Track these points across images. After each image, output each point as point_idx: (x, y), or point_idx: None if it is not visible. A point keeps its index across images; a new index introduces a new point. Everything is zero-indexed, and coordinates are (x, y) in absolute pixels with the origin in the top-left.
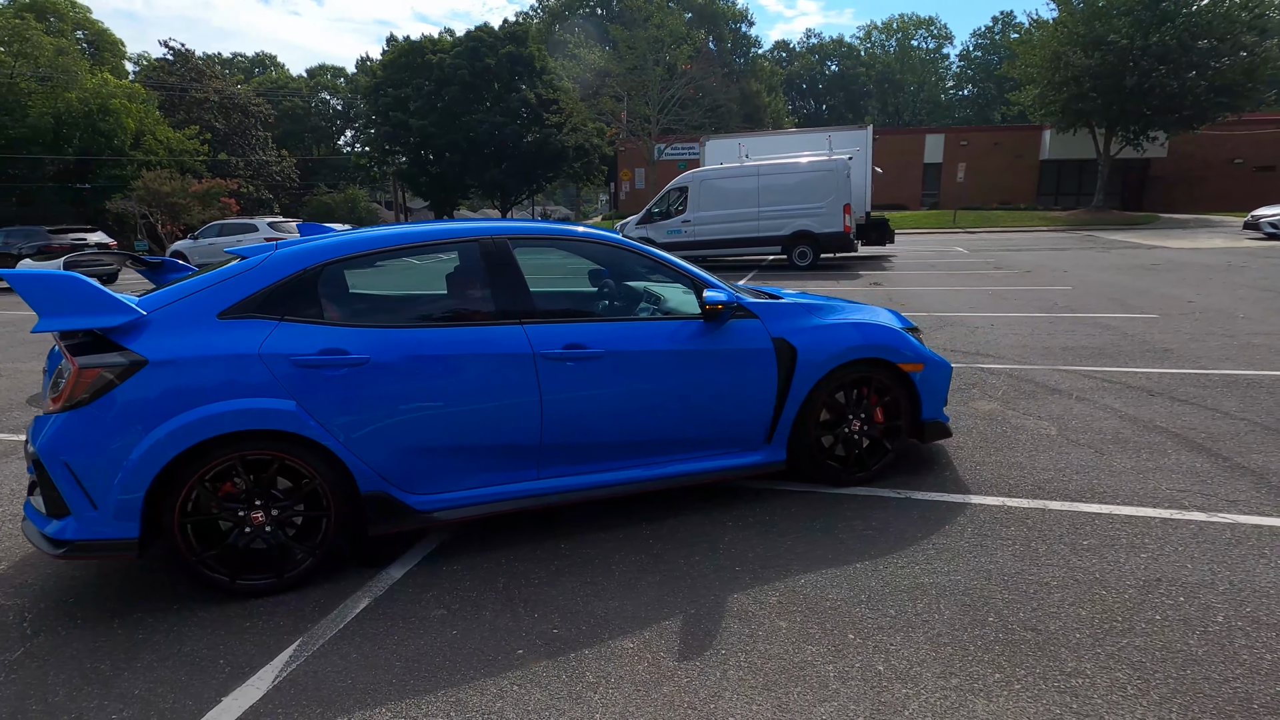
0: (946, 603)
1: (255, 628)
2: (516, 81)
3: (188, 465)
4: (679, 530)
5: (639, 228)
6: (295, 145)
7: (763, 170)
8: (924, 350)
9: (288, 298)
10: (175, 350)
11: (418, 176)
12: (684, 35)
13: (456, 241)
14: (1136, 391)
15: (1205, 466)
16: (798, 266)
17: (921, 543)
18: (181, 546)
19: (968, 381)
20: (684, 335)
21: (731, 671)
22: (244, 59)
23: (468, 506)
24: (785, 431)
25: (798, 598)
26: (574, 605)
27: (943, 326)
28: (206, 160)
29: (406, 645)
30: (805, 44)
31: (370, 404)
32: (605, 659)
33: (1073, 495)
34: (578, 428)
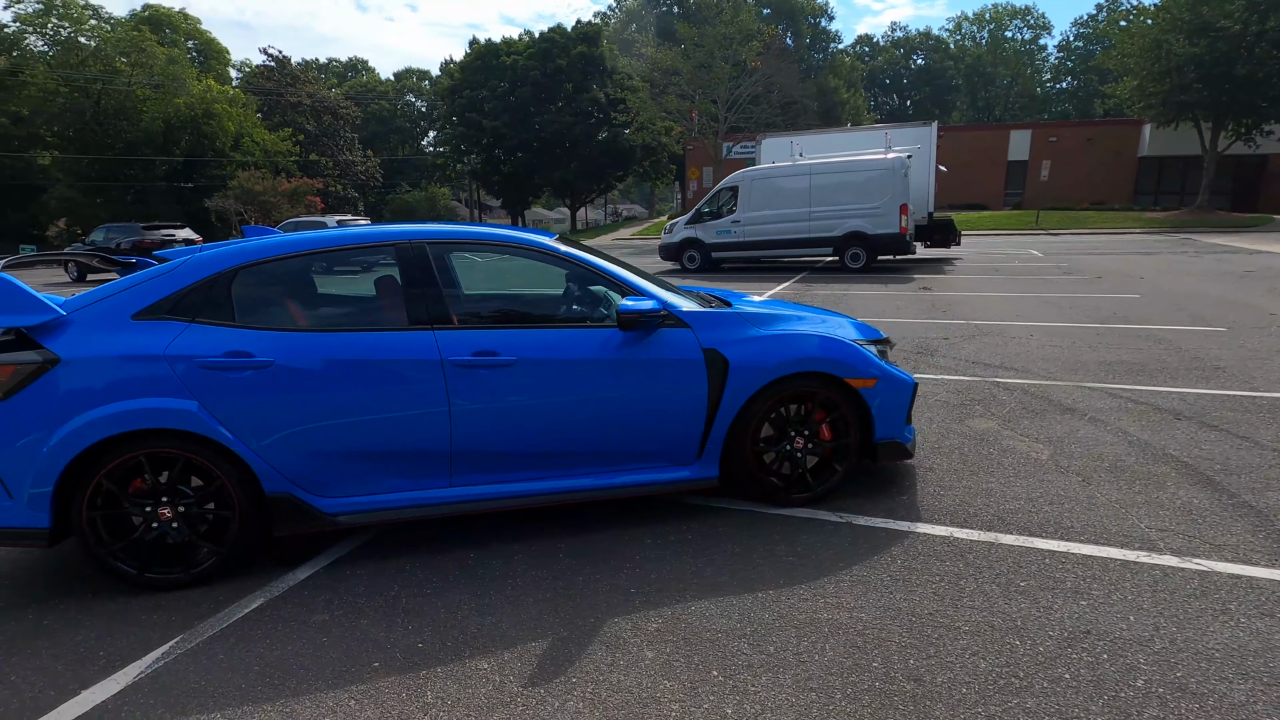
0: (835, 642)
1: (149, 621)
2: (587, 82)
3: (94, 461)
4: (594, 546)
5: (687, 228)
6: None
7: (815, 169)
8: (879, 365)
9: (201, 300)
10: (86, 349)
11: (490, 175)
12: (754, 32)
13: (374, 246)
14: (1162, 414)
15: (1203, 503)
16: (850, 269)
17: (840, 573)
18: (88, 538)
19: (973, 397)
20: (605, 344)
21: (572, 703)
22: (338, 64)
23: (375, 511)
24: (717, 447)
25: (679, 626)
26: (452, 619)
27: (975, 336)
28: (298, 160)
29: (274, 650)
30: (890, 38)
31: (274, 407)
32: (454, 678)
33: (1033, 529)
34: (490, 436)
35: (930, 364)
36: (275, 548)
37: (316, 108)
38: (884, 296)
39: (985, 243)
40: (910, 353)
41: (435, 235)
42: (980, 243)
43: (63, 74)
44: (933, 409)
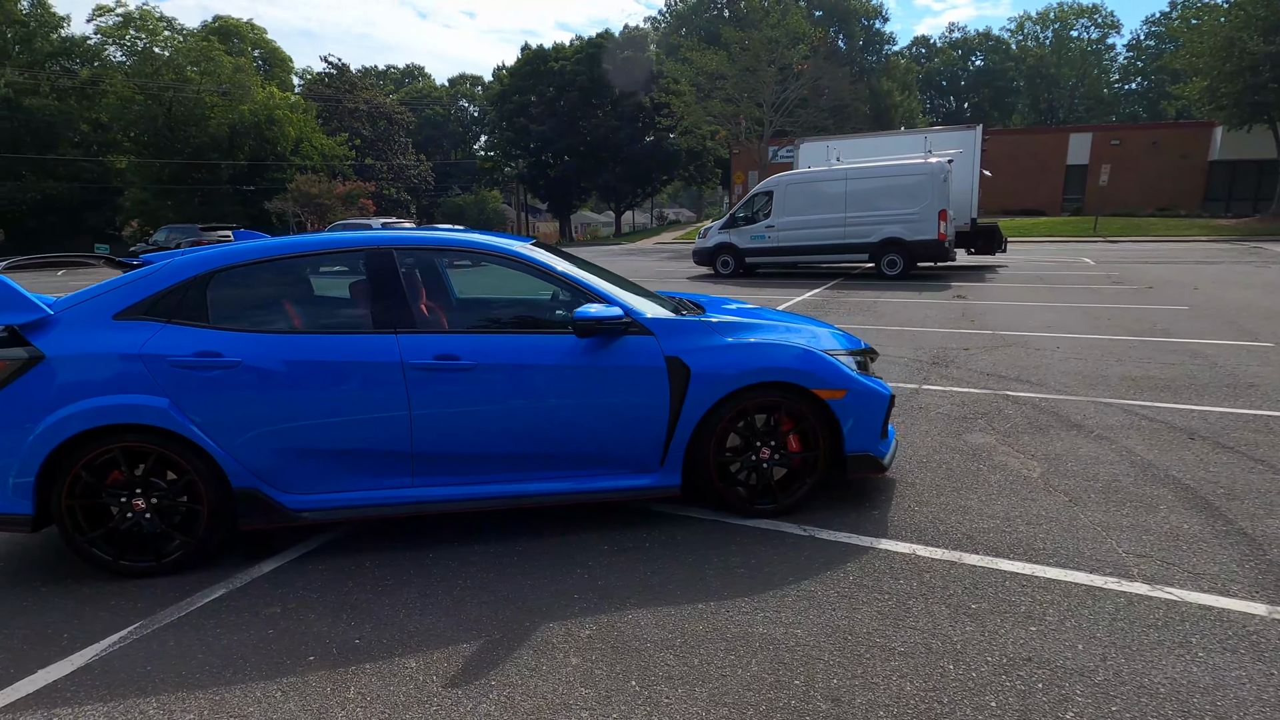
0: (761, 658)
1: (116, 606)
2: (635, 86)
3: (72, 453)
4: (550, 550)
5: (721, 233)
6: (434, 150)
7: (852, 174)
8: (849, 376)
9: (177, 302)
10: (68, 347)
11: (537, 180)
12: (802, 35)
13: (345, 252)
14: (1176, 433)
15: (1194, 529)
16: (886, 276)
17: (786, 587)
18: (66, 526)
19: (977, 410)
20: (567, 350)
21: (485, 705)
22: (396, 71)
23: (338, 509)
24: (679, 456)
25: (611, 634)
26: (394, 617)
27: (998, 347)
28: (354, 164)
29: (223, 639)
30: (947, 39)
31: (241, 405)
32: (380, 675)
33: (1001, 550)
34: (449, 438)
35: (942, 375)
36: (247, 541)
37: (373, 113)
38: (914, 304)
39: (1036, 250)
40: (925, 363)
41: (403, 242)
42: (1031, 250)
43: (138, 82)
44: (931, 422)
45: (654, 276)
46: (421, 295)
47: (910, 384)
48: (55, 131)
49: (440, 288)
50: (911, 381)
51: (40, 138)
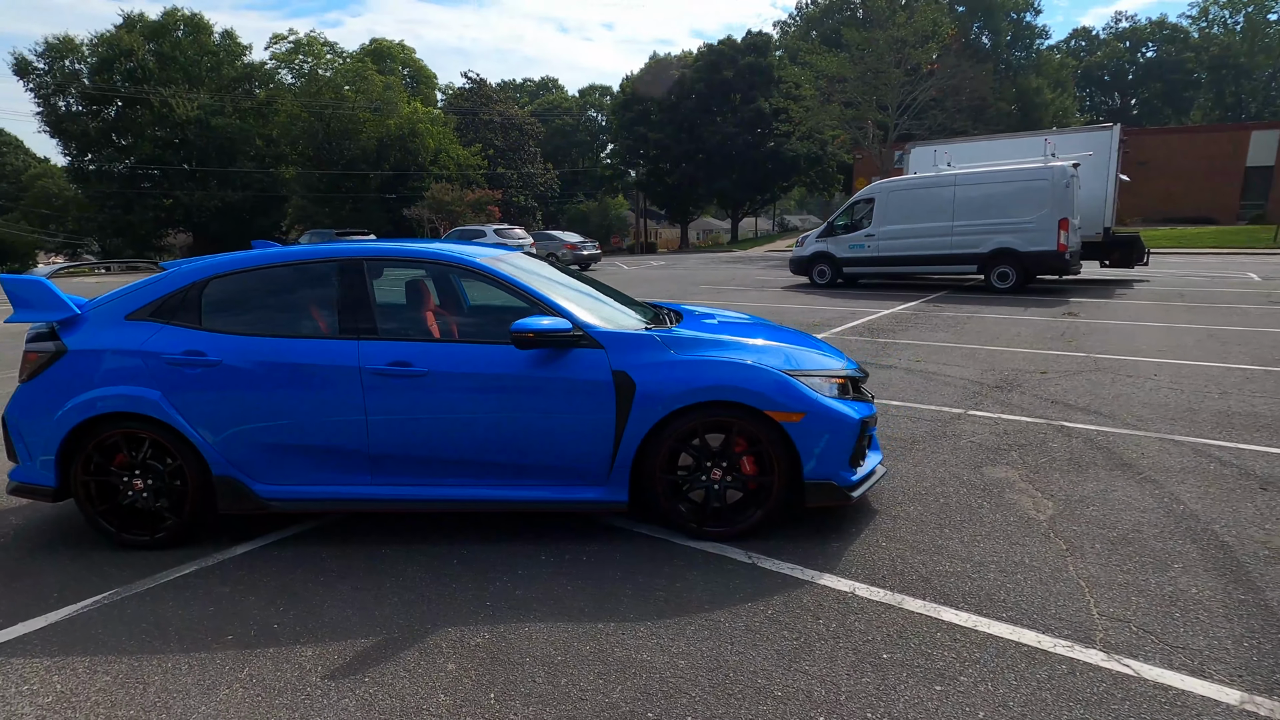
0: (628, 686)
1: (106, 572)
2: (753, 92)
3: (85, 435)
4: (490, 555)
5: (818, 241)
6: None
7: (960, 179)
8: (809, 399)
9: (178, 305)
10: (88, 343)
11: (655, 187)
12: (931, 33)
13: (318, 261)
14: (1247, 480)
15: (1203, 595)
16: (997, 289)
17: (696, 615)
18: (80, 499)
19: (1016, 441)
20: (516, 361)
21: (347, 700)
22: (531, 83)
23: (303, 501)
24: (625, 471)
25: (500, 645)
26: (319, 607)
27: (1081, 372)
28: (485, 173)
29: (171, 612)
30: (1112, 29)
31: (220, 400)
32: (274, 660)
33: (952, 597)
34: (402, 441)
35: (999, 400)
36: (239, 524)
37: (505, 125)
38: (1011, 321)
39: (1193, 263)
40: (987, 386)
41: (373, 253)
42: (1186, 263)
43: (303, 101)
44: (956, 451)
45: (746, 286)
46: (388, 303)
47: (956, 409)
48: (235, 147)
49: (416, 297)
50: (958, 406)
51: (223, 152)
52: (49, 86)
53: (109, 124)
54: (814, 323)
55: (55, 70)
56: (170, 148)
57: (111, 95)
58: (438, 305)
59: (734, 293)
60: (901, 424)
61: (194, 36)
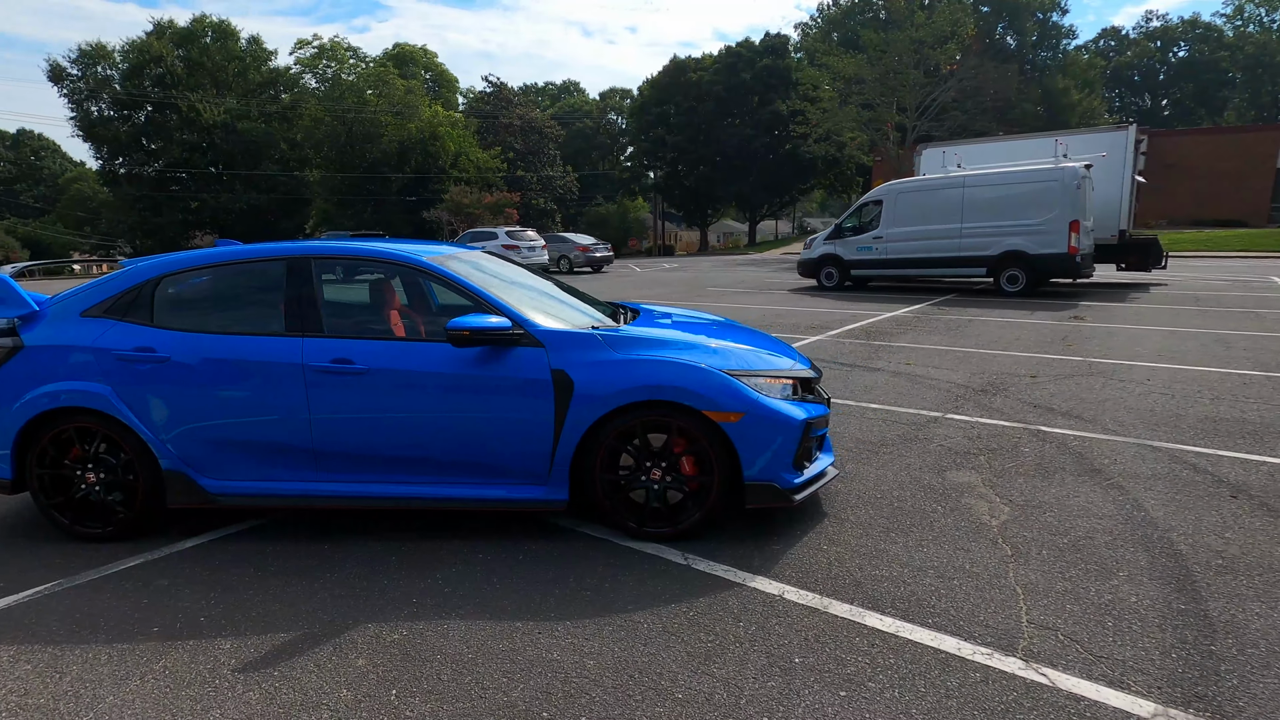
0: (530, 686)
1: (53, 563)
2: (771, 94)
3: (40, 429)
4: (430, 553)
5: (826, 244)
6: (583, 161)
7: (969, 181)
8: (749, 399)
9: (130, 302)
10: (44, 339)
11: (672, 190)
12: (949, 33)
13: (267, 260)
14: (1219, 488)
15: (1141, 605)
16: (1006, 292)
17: (616, 616)
18: (35, 492)
19: (987, 446)
20: (457, 359)
21: (251, 693)
22: (553, 86)
23: (250, 496)
24: (564, 470)
25: (416, 642)
26: (250, 600)
27: (1073, 376)
28: (505, 176)
29: (107, 604)
30: (1142, 29)
31: (168, 396)
32: (191, 653)
33: (881, 603)
34: (345, 438)
35: (980, 404)
36: (193, 518)
37: (525, 128)
38: (1014, 324)
39: (1216, 266)
40: (971, 390)
41: (320, 251)
42: (1209, 266)
43: (327, 106)
44: (926, 454)
45: (753, 289)
46: (334, 301)
47: (934, 412)
48: (261, 150)
49: (362, 295)
50: (938, 409)
51: (249, 156)
52: (82, 92)
53: (139, 128)
54: (812, 325)
55: (88, 76)
56: (198, 151)
57: (141, 100)
58: (402, 305)
59: (739, 295)
60: (875, 427)
61: (221, 42)
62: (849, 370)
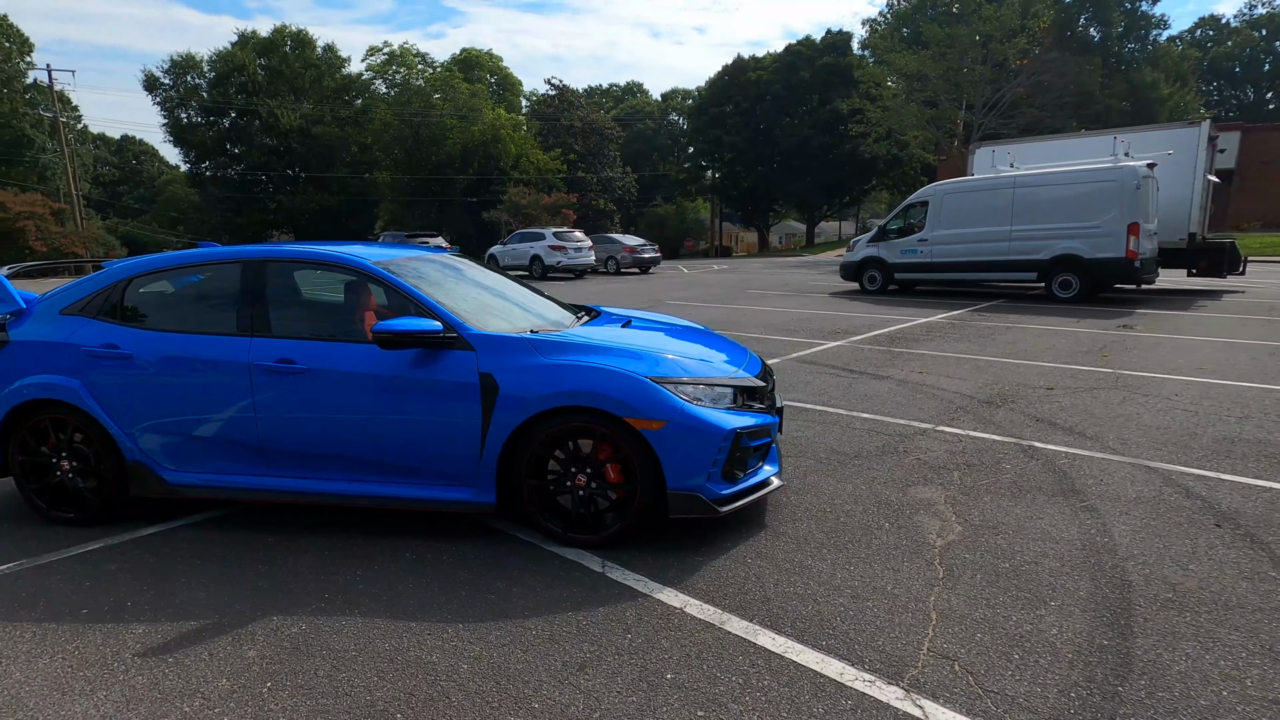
0: (396, 687)
1: (25, 546)
2: (831, 93)
3: (21, 419)
4: (361, 550)
5: (869, 246)
6: (643, 162)
7: (1020, 181)
8: (673, 407)
9: (103, 301)
10: (26, 334)
11: (729, 190)
12: (1018, 27)
13: (226, 262)
14: (1203, 514)
15: (1061, 638)
16: (1059, 299)
17: (509, 621)
18: (17, 479)
19: (969, 460)
20: (391, 361)
21: (140, 678)
22: (617, 88)
23: (206, 488)
24: (491, 473)
25: (309, 637)
26: (179, 588)
27: (1092, 389)
28: (565, 177)
29: (54, 585)
30: (1245, 16)
31: (128, 391)
32: (106, 636)
33: (780, 622)
34: (290, 435)
35: (978, 417)
36: (167, 506)
37: (585, 129)
38: (1054, 333)
39: None
40: (976, 401)
41: (273, 254)
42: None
43: (396, 110)
44: (898, 468)
45: (792, 291)
46: (284, 303)
47: (926, 424)
48: (333, 153)
49: (310, 297)
50: (931, 421)
51: (322, 159)
52: (174, 100)
53: (223, 133)
54: (835, 330)
55: (179, 85)
56: (276, 155)
57: (226, 107)
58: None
59: (776, 298)
60: (856, 438)
61: (299, 51)
62: (854, 378)
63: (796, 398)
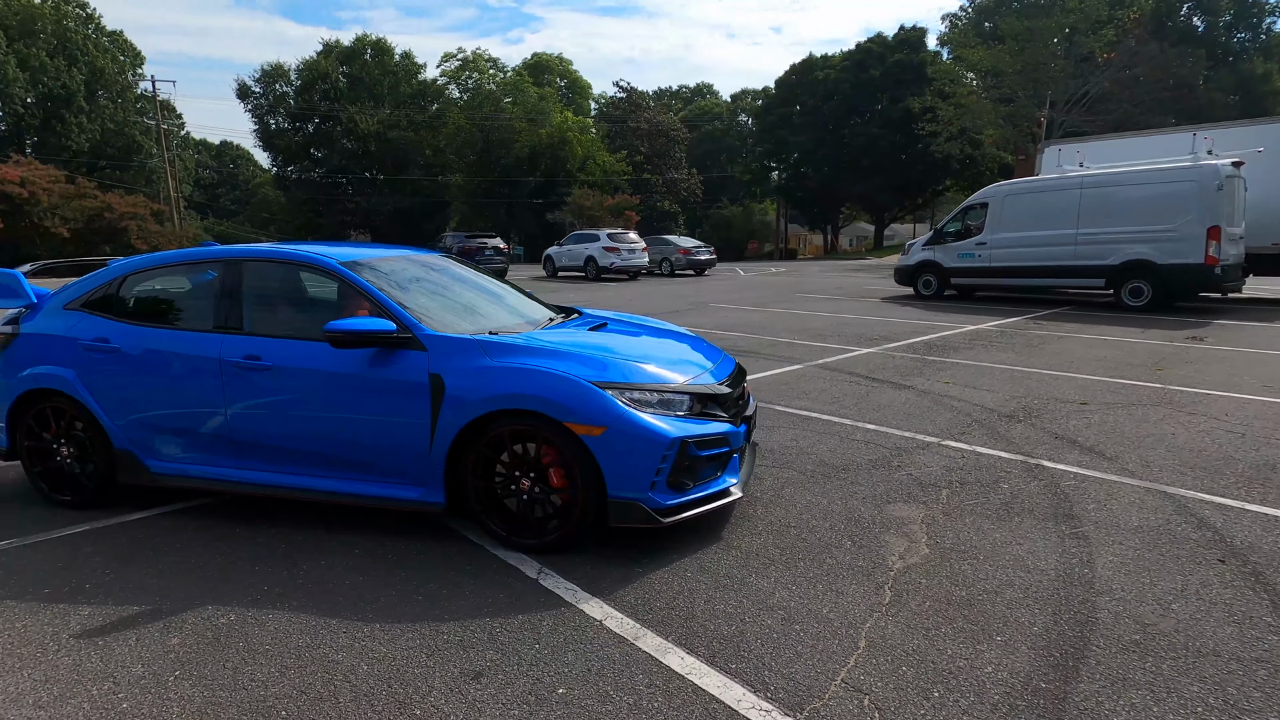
0: (294, 682)
1: (21, 526)
2: (902, 91)
3: (25, 406)
4: (315, 545)
5: (924, 249)
6: (711, 164)
7: (1088, 181)
8: (615, 412)
9: (101, 297)
10: (34, 327)
11: (795, 192)
12: (1105, 18)
13: (209, 262)
14: (1209, 548)
15: (996, 678)
16: (1129, 307)
17: (419, 624)
18: (24, 463)
19: (966, 478)
20: (348, 359)
21: (67, 659)
22: (686, 89)
23: (183, 478)
24: (439, 474)
25: (234, 629)
26: (134, 575)
27: (1142, 405)
28: (631, 179)
29: (28, 565)
30: None
31: (115, 383)
32: (54, 615)
33: (695, 641)
34: (255, 430)
35: (994, 431)
36: (159, 493)
37: (652, 131)
38: (1109, 344)
39: None
40: (999, 414)
41: (248, 254)
42: None
43: (468, 114)
44: (884, 483)
45: (843, 295)
46: (259, 301)
47: (932, 437)
48: (407, 156)
49: (280, 295)
50: (938, 435)
51: (397, 162)
52: (263, 107)
53: (308, 138)
54: (873, 336)
55: (269, 93)
56: (354, 158)
57: (310, 113)
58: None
59: (822, 301)
60: (851, 449)
61: (379, 58)
62: (874, 386)
63: (803, 405)
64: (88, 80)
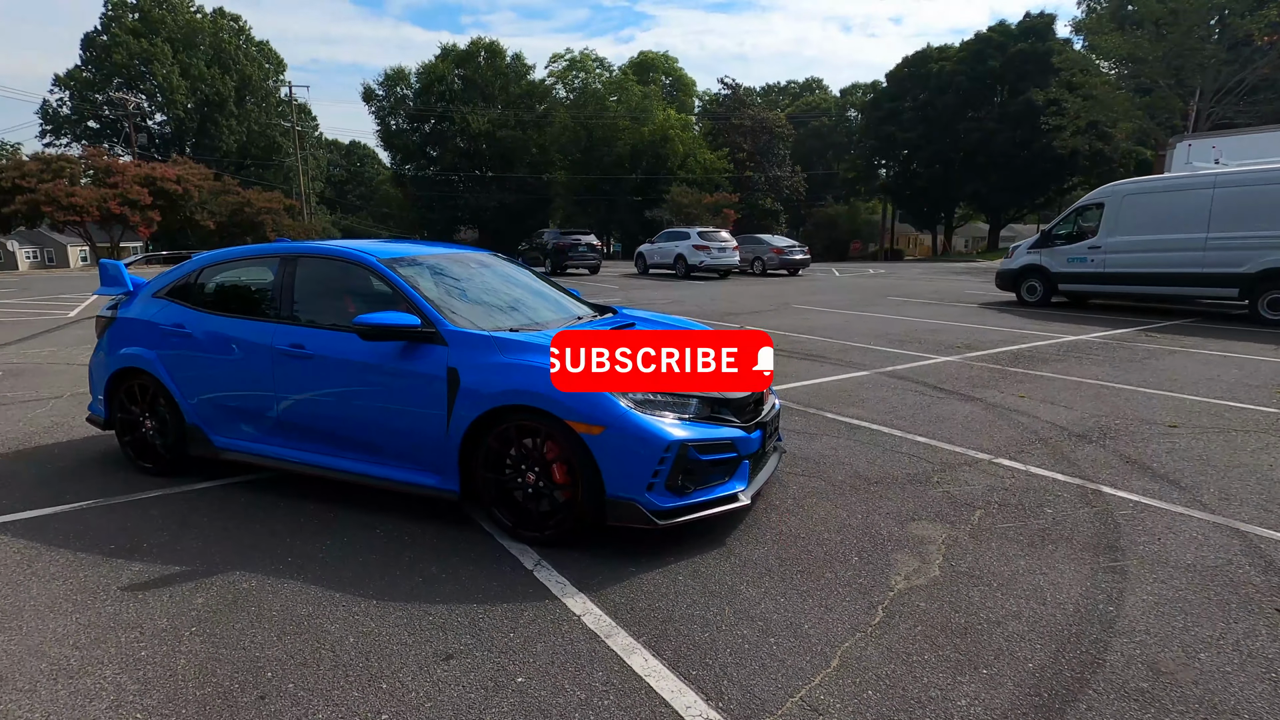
0: (286, 648)
1: (109, 489)
2: (1023, 83)
3: (119, 383)
4: (338, 521)
5: (1030, 253)
6: (817, 161)
7: (1221, 180)
8: (615, 412)
9: (183, 287)
10: (128, 313)
11: (903, 190)
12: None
13: (270, 257)
14: (1272, 596)
15: (967, 713)
16: (1267, 320)
17: (411, 605)
18: (117, 431)
19: (1011, 499)
20: (379, 351)
21: (108, 607)
22: (795, 85)
23: (241, 454)
24: (454, 464)
25: (254, 596)
26: (186, 537)
27: (1246, 431)
28: (732, 176)
29: (93, 524)
30: None
31: (188, 364)
32: (102, 571)
33: (663, 644)
34: (297, 412)
35: (1056, 451)
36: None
37: (755, 128)
38: (1228, 361)
39: None
40: (1068, 434)
41: (302, 250)
42: None
43: (573, 113)
44: (914, 499)
45: (936, 301)
46: (309, 294)
47: (985, 454)
48: (514, 155)
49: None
50: (991, 452)
51: (504, 160)
52: (386, 109)
53: (424, 138)
54: (956, 344)
55: (390, 96)
56: (466, 157)
57: (428, 114)
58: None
59: (911, 306)
60: (894, 462)
61: (491, 60)
62: (939, 397)
63: (855, 414)
64: (238, 86)
